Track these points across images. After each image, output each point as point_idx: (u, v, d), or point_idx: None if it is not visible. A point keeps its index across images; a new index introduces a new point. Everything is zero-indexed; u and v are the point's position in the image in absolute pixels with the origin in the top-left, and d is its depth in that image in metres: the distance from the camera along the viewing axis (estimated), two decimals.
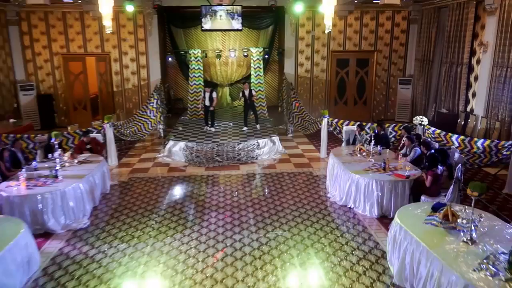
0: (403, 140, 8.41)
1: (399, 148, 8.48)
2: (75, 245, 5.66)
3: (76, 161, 7.42)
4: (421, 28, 13.11)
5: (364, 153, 7.72)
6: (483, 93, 10.15)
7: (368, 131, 9.06)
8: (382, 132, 8.70)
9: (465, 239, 4.29)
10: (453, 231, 4.51)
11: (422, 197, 6.21)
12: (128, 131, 10.22)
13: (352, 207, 6.79)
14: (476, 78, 10.50)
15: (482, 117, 10.09)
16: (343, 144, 9.13)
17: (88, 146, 8.29)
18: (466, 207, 4.74)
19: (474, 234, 4.30)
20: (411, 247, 4.50)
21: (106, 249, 5.50)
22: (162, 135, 12.00)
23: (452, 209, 4.67)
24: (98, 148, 8.45)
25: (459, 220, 4.51)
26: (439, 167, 6.35)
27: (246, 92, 11.42)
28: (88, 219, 6.42)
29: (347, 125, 9.56)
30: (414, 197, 6.45)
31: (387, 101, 14.45)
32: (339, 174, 7.22)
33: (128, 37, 13.33)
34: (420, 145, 7.64)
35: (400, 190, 6.36)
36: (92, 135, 8.71)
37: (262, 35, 14.81)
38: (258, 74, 13.36)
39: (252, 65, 13.37)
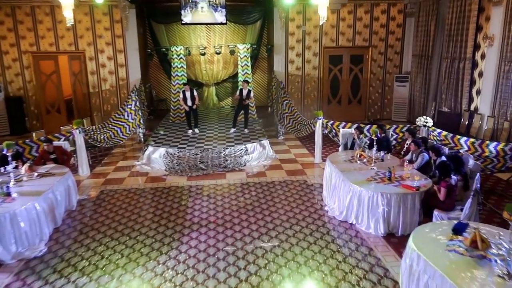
0: (407, 144, 7.60)
1: (402, 152, 7.66)
2: (26, 279, 4.69)
3: (36, 174, 6.43)
4: (419, 22, 12.33)
5: (364, 160, 6.87)
6: (489, 91, 9.39)
7: (369, 134, 8.22)
8: (383, 134, 7.87)
9: (500, 274, 3.46)
10: (482, 262, 3.68)
11: (435, 212, 5.39)
12: (102, 137, 9.22)
13: (354, 223, 5.93)
14: (480, 74, 9.74)
15: (488, 116, 9.33)
16: (340, 148, 8.26)
17: (53, 156, 7.30)
18: (501, 233, 3.90)
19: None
20: (433, 283, 3.64)
21: (62, 286, 4.55)
22: (142, 139, 11.02)
23: (480, 233, 3.84)
24: (64, 158, 7.46)
25: (493, 250, 3.68)
26: (453, 176, 5.54)
27: (244, 92, 10.49)
28: (46, 245, 5.44)
29: (343, 127, 8.71)
30: (425, 212, 5.63)
31: (383, 100, 13.67)
32: (338, 185, 6.36)
33: (104, 33, 12.30)
34: (427, 149, 6.84)
35: (409, 204, 5.51)
36: (58, 142, 7.72)
37: (249, 30, 13.91)
38: (246, 72, 12.44)
39: (239, 62, 12.45)
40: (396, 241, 5.42)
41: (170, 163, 8.81)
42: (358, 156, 6.97)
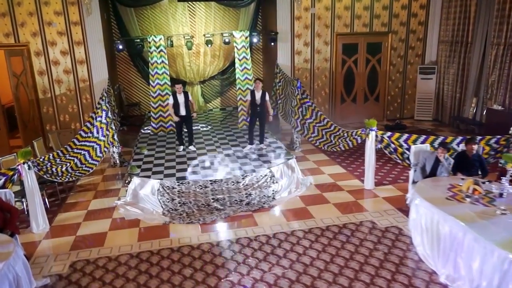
0: None
1: (509, 176, 5.49)
2: None
3: None
4: (450, 2, 10.30)
5: (477, 197, 4.64)
6: None
7: (475, 151, 5.77)
8: (474, 152, 5.69)
9: None
10: None
11: None
12: (64, 168, 6.34)
13: None
14: None
15: None
16: (412, 173, 5.93)
17: None
18: None
19: None
20: None
21: None
22: (117, 162, 8.21)
23: None
24: (7, 216, 4.58)
25: None
26: None
27: (258, 96, 7.79)
28: None
29: (406, 141, 6.42)
30: None
31: (403, 96, 11.61)
32: (463, 244, 4.05)
33: (55, 19, 9.19)
34: None
35: None
36: None
37: (242, 15, 11.29)
38: (245, 68, 9.86)
39: (236, 55, 9.83)
40: None
41: (170, 203, 6.13)
42: (469, 191, 4.72)
